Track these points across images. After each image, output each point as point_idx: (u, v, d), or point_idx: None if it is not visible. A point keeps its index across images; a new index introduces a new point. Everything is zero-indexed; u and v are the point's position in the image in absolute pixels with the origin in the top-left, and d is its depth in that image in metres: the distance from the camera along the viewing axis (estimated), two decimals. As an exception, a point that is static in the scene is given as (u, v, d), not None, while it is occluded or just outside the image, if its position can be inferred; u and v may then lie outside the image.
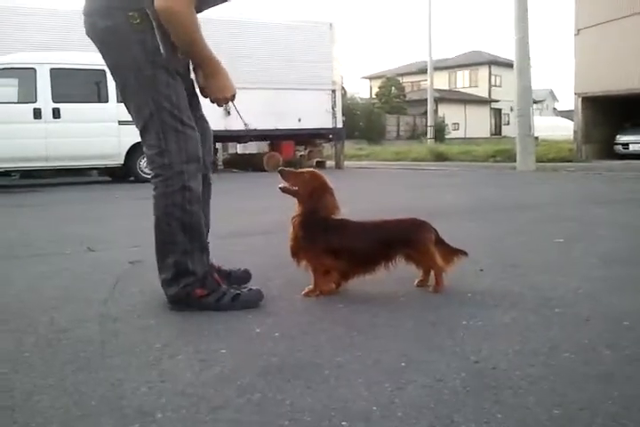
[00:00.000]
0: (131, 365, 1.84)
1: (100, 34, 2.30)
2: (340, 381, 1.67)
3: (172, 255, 2.35)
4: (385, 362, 1.81)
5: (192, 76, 2.51)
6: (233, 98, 2.45)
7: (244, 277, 2.79)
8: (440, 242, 2.65)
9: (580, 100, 17.71)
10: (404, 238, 2.59)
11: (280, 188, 2.59)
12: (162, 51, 2.23)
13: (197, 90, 2.49)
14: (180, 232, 2.34)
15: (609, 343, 1.93)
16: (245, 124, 2.69)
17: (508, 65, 29.73)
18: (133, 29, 2.22)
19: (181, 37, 2.23)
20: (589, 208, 5.76)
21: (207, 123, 2.66)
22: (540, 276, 2.92)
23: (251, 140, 14.70)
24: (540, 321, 2.19)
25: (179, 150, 2.31)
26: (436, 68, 31.58)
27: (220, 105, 2.48)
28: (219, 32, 12.69)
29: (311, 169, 2.70)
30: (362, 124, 33.78)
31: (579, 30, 17.60)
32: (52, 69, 10.01)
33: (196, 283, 2.36)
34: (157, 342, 2.04)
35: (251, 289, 2.46)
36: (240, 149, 16.40)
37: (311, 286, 2.59)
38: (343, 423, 1.41)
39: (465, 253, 2.70)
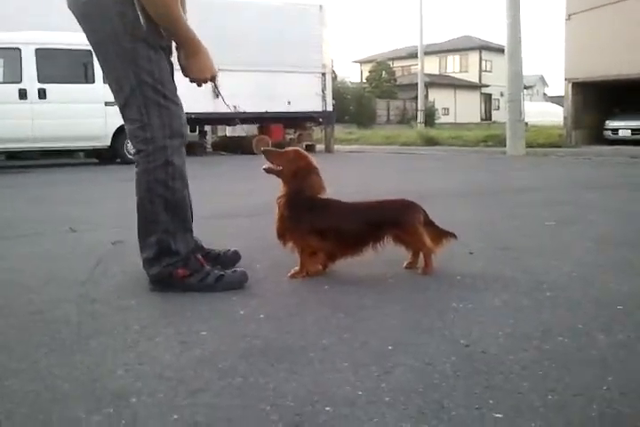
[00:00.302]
0: (108, 347, 1.77)
1: (82, 7, 2.22)
2: (325, 364, 1.60)
3: (155, 234, 2.28)
4: (372, 345, 1.75)
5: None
6: (213, 79, 2.37)
7: (234, 258, 2.72)
8: (429, 223, 2.58)
9: (570, 85, 17.62)
10: (392, 219, 2.52)
11: (264, 169, 2.51)
12: (142, 23, 2.15)
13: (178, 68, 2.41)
14: (163, 211, 2.27)
15: (603, 328, 1.87)
16: (228, 106, 2.62)
17: (499, 50, 29.62)
18: (113, 1, 2.14)
19: (159, 12, 2.14)
20: (581, 192, 5.71)
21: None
22: (532, 259, 2.86)
23: (240, 123, 14.56)
24: (532, 305, 2.13)
25: (161, 125, 2.24)
26: (427, 53, 31.38)
27: (199, 85, 2.41)
28: (207, 13, 12.52)
29: (295, 148, 2.62)
30: (352, 108, 33.58)
31: (570, 15, 17.47)
32: (37, 49, 9.82)
33: (178, 262, 2.28)
34: (136, 323, 1.97)
35: (235, 270, 2.39)
36: (229, 131, 16.25)
37: (297, 268, 2.52)
38: (327, 409, 1.35)
39: (454, 236, 2.64)
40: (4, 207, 5.33)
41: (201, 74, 2.31)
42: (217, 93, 2.76)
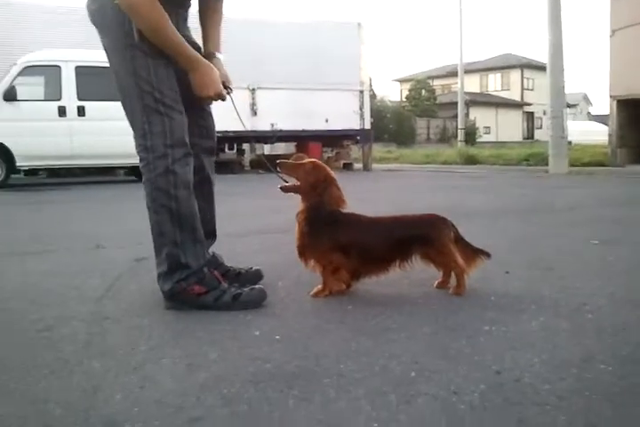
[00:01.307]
0: (110, 369, 1.65)
1: (92, 16, 2.24)
2: (339, 392, 1.46)
3: (165, 248, 2.20)
4: (393, 370, 1.60)
5: None
6: (218, 97, 2.30)
7: (256, 276, 2.61)
8: (461, 241, 2.43)
9: (614, 102, 17.20)
10: (420, 235, 2.37)
11: (280, 188, 2.39)
12: (134, 33, 2.12)
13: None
14: (169, 221, 2.19)
15: (651, 355, 1.69)
16: (243, 124, 2.55)
17: (541, 68, 29.21)
18: (114, 11, 2.12)
19: (144, 28, 2.11)
20: (625, 210, 5.46)
21: (212, 118, 2.55)
22: (574, 279, 2.67)
23: (277, 141, 14.57)
24: (572, 328, 1.96)
25: (162, 133, 2.19)
26: (467, 71, 31.18)
27: (205, 103, 2.37)
28: (246, 32, 12.63)
29: (312, 159, 2.49)
30: (391, 126, 33.49)
31: (614, 31, 17.12)
32: (77, 67, 9.96)
33: (191, 277, 2.18)
34: (145, 343, 1.86)
35: (253, 288, 2.27)
36: (267, 149, 16.26)
37: (320, 286, 2.38)
38: (337, 443, 1.21)
39: (488, 255, 2.47)
40: (34, 223, 5.33)
41: (201, 91, 2.24)
42: (255, 111, 2.73)
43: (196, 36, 2.46)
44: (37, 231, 4.66)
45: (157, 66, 2.17)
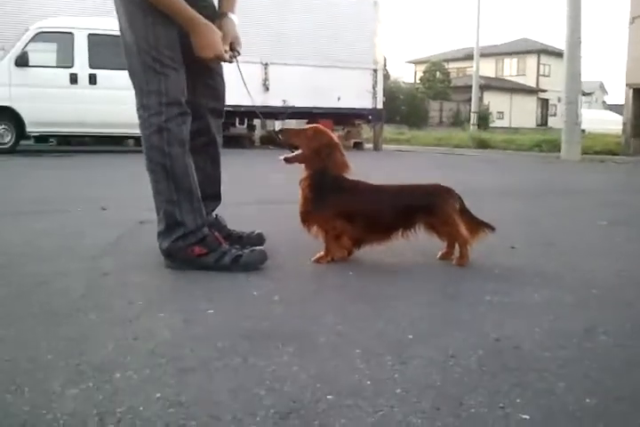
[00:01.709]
0: (104, 321, 1.64)
1: None
2: (334, 351, 1.44)
3: (162, 205, 2.19)
4: (390, 334, 1.57)
5: None
6: (218, 59, 2.25)
7: (258, 240, 2.59)
8: (466, 212, 2.38)
9: (630, 91, 16.96)
10: (425, 204, 2.33)
11: (284, 159, 2.35)
12: None
13: None
14: (164, 179, 2.19)
15: (655, 329, 1.66)
16: (249, 94, 2.49)
17: (558, 54, 28.83)
18: None
19: None
20: (636, 195, 5.40)
21: (221, 79, 2.50)
22: (579, 256, 2.64)
23: (288, 118, 14.46)
24: (575, 302, 1.92)
25: (157, 92, 2.17)
26: (483, 55, 30.77)
27: (205, 63, 2.30)
28: (260, 7, 12.47)
29: (314, 125, 2.45)
30: (404, 108, 33.21)
31: (634, 18, 16.84)
32: (89, 35, 9.87)
33: (189, 237, 2.16)
34: (142, 299, 1.84)
35: (254, 250, 2.25)
36: (278, 125, 16.17)
37: (322, 253, 2.35)
38: (328, 397, 1.18)
39: (492, 228, 2.42)
40: (39, 186, 5.31)
41: (200, 52, 2.19)
42: (267, 87, 2.66)
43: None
44: (41, 194, 4.64)
45: (156, 23, 2.14)
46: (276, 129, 14.90)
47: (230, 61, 2.31)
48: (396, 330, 1.60)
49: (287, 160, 2.36)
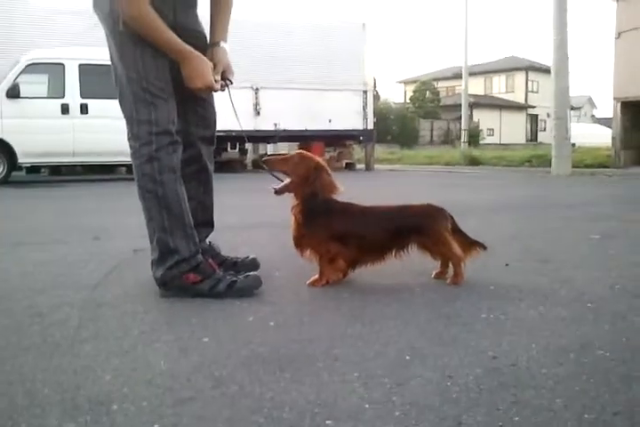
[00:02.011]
0: (101, 351, 1.63)
1: (93, 4, 2.26)
2: (332, 375, 1.44)
3: (155, 233, 2.20)
4: (388, 355, 1.57)
5: None
6: (208, 90, 2.27)
7: (252, 265, 2.59)
8: (457, 231, 2.40)
9: (618, 104, 17.16)
10: (417, 225, 2.34)
11: (274, 190, 2.36)
12: (120, 21, 2.12)
13: None
14: (156, 206, 2.20)
15: (651, 342, 1.67)
16: (238, 122, 2.51)
17: (546, 71, 29.14)
18: (106, 0, 2.15)
19: (126, 17, 2.11)
20: (627, 208, 5.44)
21: (212, 108, 2.52)
22: (573, 271, 2.65)
23: (280, 141, 14.54)
24: (571, 317, 1.93)
25: (148, 122, 2.19)
26: (472, 73, 31.05)
27: (197, 94, 2.31)
28: (249, 32, 12.60)
29: (299, 151, 2.48)
30: (395, 128, 33.40)
31: (619, 33, 17.09)
32: (80, 65, 9.94)
33: (183, 264, 2.17)
34: (138, 328, 1.84)
35: (248, 275, 2.25)
36: (270, 149, 16.24)
37: (317, 276, 2.36)
38: (327, 422, 1.18)
39: (484, 247, 2.44)
40: (32, 217, 5.30)
41: (190, 83, 2.22)
42: (259, 111, 2.68)
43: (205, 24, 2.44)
44: (35, 224, 4.64)
45: (145, 54, 2.16)
46: (266, 154, 15.03)
47: (222, 90, 2.34)
48: (393, 351, 1.60)
49: (277, 192, 2.37)
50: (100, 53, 9.75)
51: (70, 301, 2.17)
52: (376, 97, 20.90)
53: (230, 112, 2.51)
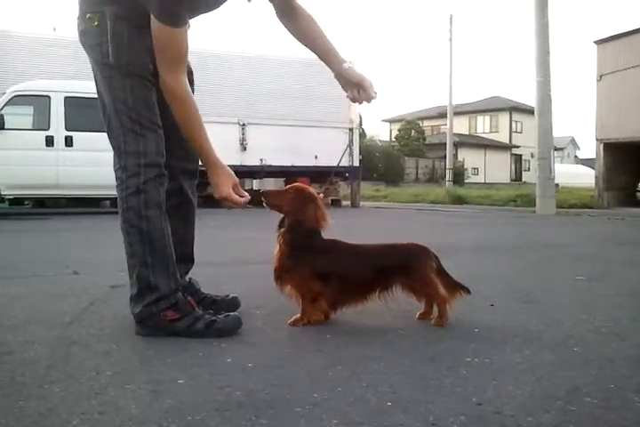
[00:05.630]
0: (70, 393, 1.56)
1: (79, 37, 2.25)
2: (310, 421, 1.38)
3: (136, 268, 2.14)
4: (369, 400, 1.51)
5: None
6: (224, 199, 2.26)
7: (232, 304, 2.53)
8: (442, 273, 2.36)
9: (601, 146, 17.44)
10: (401, 265, 2.30)
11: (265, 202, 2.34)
12: (110, 54, 2.12)
13: None
14: (139, 242, 2.14)
15: (638, 388, 1.62)
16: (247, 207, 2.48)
17: (529, 111, 29.55)
18: (94, 32, 2.14)
19: (178, 118, 2.17)
20: (612, 248, 5.44)
21: None
22: (559, 313, 2.61)
23: (266, 177, 14.54)
24: (557, 361, 1.88)
25: (136, 153, 2.16)
26: (457, 113, 31.54)
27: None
28: (237, 68, 12.74)
29: (294, 184, 2.44)
30: (381, 166, 33.65)
31: (601, 76, 17.47)
32: (66, 98, 9.95)
33: (162, 301, 2.11)
34: (110, 369, 1.77)
35: (228, 315, 2.19)
36: (256, 185, 16.23)
37: (298, 315, 2.30)
38: (304, 474, 1.12)
39: (468, 291, 2.40)
40: (12, 250, 5.22)
41: (213, 191, 2.25)
42: (245, 147, 2.67)
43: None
44: (14, 257, 4.56)
45: (134, 86, 2.15)
46: (260, 190, 15.00)
47: (244, 207, 2.35)
48: (374, 396, 1.55)
49: (268, 204, 2.34)
50: (87, 86, 9.84)
51: (42, 339, 2.09)
52: (362, 135, 21.09)
53: (215, 146, 2.49)
